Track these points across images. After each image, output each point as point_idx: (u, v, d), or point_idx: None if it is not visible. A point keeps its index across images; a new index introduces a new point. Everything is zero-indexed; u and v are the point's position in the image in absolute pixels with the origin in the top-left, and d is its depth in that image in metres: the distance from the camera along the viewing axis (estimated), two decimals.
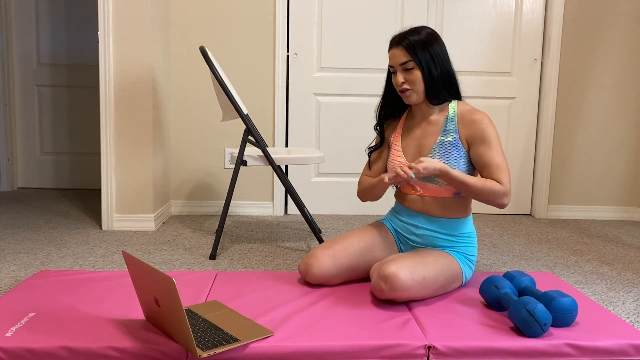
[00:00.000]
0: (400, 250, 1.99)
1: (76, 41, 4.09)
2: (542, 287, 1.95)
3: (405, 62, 1.84)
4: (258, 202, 3.42)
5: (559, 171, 3.51)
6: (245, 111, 2.59)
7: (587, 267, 2.44)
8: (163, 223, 3.16)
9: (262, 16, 3.30)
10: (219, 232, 2.48)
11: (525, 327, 1.51)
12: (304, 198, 3.46)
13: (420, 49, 1.83)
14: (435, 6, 3.39)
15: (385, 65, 3.39)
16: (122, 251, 1.51)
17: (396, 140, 1.99)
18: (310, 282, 1.92)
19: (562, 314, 1.57)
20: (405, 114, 2.03)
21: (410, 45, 1.83)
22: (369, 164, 2.07)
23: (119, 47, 2.87)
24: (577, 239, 2.98)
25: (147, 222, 2.97)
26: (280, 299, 1.78)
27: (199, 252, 2.56)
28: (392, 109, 2.02)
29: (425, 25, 1.95)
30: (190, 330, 1.33)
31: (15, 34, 4.04)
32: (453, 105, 1.92)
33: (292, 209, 3.49)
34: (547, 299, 1.60)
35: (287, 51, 3.38)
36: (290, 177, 3.45)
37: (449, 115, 1.90)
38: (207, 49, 2.49)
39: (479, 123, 1.84)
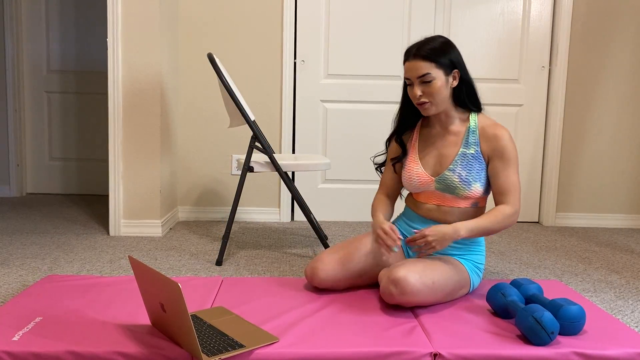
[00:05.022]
0: (408, 256, 1.98)
1: (85, 48, 4.12)
2: (549, 295, 1.94)
3: (424, 75, 1.79)
4: (265, 209, 3.43)
5: (567, 178, 3.49)
6: (252, 117, 2.59)
7: (595, 275, 2.42)
8: (170, 229, 3.17)
9: (269, 23, 3.32)
10: (225, 238, 2.49)
11: (532, 335, 1.50)
12: (310, 204, 3.46)
13: (441, 57, 1.79)
14: (443, 13, 3.39)
15: (391, 72, 3.39)
16: (129, 257, 1.52)
17: (412, 150, 1.95)
18: (316, 287, 1.92)
19: (570, 322, 1.56)
20: (420, 122, 1.98)
21: (429, 55, 1.78)
22: (384, 179, 2.03)
23: (128, 54, 2.89)
24: (585, 246, 2.96)
25: (154, 228, 2.98)
26: (286, 306, 1.77)
27: (206, 258, 2.56)
28: (411, 121, 1.97)
29: (437, 34, 1.92)
30: (196, 335, 1.33)
31: (26, 41, 4.08)
32: (474, 118, 1.88)
33: (299, 215, 3.49)
34: (554, 306, 1.58)
35: (295, 58, 3.39)
36: (296, 183, 3.45)
37: (470, 127, 1.87)
38: (214, 56, 2.51)
39: (501, 139, 1.82)
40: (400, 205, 2.09)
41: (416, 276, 1.69)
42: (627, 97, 3.43)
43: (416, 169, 1.90)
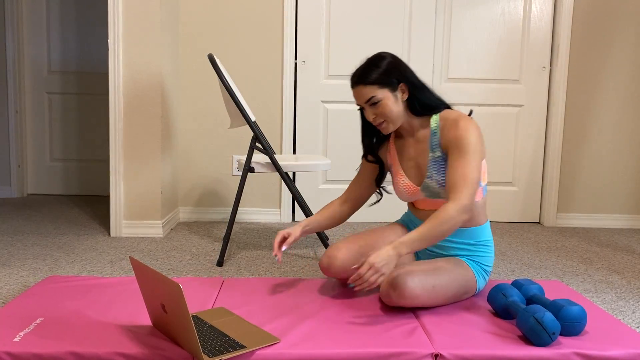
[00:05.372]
0: (417, 257, 1.98)
1: (86, 49, 4.13)
2: (550, 295, 1.93)
3: (370, 99, 1.77)
4: (265, 209, 3.43)
5: (568, 179, 3.49)
6: (253, 118, 2.60)
7: (596, 276, 2.42)
8: (171, 229, 3.17)
9: (270, 24, 3.32)
10: (226, 239, 2.49)
11: (533, 335, 1.50)
12: (311, 205, 3.46)
13: (382, 77, 1.77)
14: (443, 14, 3.39)
15: None
16: (130, 257, 1.52)
17: (394, 162, 1.95)
18: (332, 275, 1.90)
19: (571, 323, 1.56)
20: (392, 134, 1.97)
21: (369, 79, 1.76)
22: (351, 187, 2.02)
23: (129, 55, 2.89)
24: (586, 247, 2.96)
25: (155, 229, 2.98)
26: (287, 306, 1.78)
27: (207, 259, 2.56)
28: (378, 138, 1.96)
29: (381, 52, 1.85)
30: (197, 336, 1.33)
31: (27, 42, 4.09)
32: (435, 119, 1.84)
33: (300, 216, 3.49)
34: (555, 307, 1.58)
35: (295, 59, 3.39)
36: (297, 184, 3.45)
37: (432, 129, 1.83)
38: (215, 57, 2.51)
39: (458, 129, 1.74)
40: (400, 208, 2.08)
41: (415, 280, 1.68)
42: (627, 98, 3.43)
43: (403, 181, 1.91)
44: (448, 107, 1.87)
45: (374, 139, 1.96)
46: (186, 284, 1.97)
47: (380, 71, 1.77)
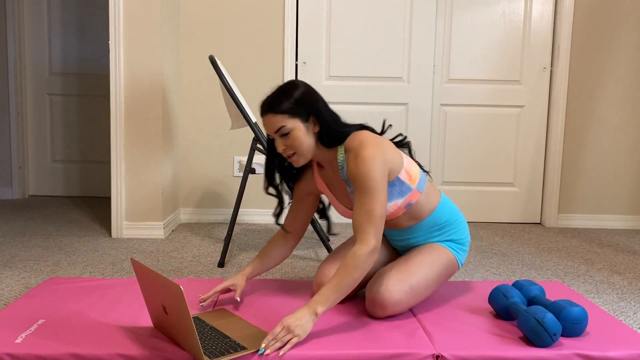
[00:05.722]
0: (396, 249, 1.97)
1: (87, 50, 4.13)
2: (551, 296, 1.93)
3: (280, 128, 1.67)
4: (266, 210, 3.43)
5: (569, 180, 3.49)
6: (254, 119, 2.60)
7: (597, 277, 2.42)
8: (172, 231, 3.17)
9: (271, 25, 3.32)
10: (227, 240, 2.49)
11: (534, 336, 1.49)
12: None
13: (293, 107, 1.68)
14: (444, 15, 3.39)
15: (393, 74, 3.39)
16: (131, 259, 1.52)
17: (326, 192, 1.86)
18: None
19: (572, 324, 1.56)
20: (314, 169, 1.87)
21: (280, 108, 1.67)
22: (288, 220, 1.94)
23: (130, 57, 2.90)
24: (587, 248, 2.96)
25: (156, 230, 2.99)
26: (288, 307, 1.78)
27: (208, 260, 2.57)
28: (283, 171, 1.86)
29: (294, 80, 1.77)
30: (198, 338, 1.33)
31: (28, 43, 4.09)
32: (340, 150, 1.74)
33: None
34: (556, 308, 1.58)
35: (296, 60, 3.39)
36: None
37: (339, 163, 1.74)
38: (216, 58, 2.51)
39: (358, 164, 1.63)
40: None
41: (390, 289, 1.67)
42: (628, 98, 3.43)
43: (339, 207, 1.84)
44: (359, 127, 1.77)
45: (283, 171, 1.86)
46: (187, 285, 1.97)
47: (292, 100, 1.68)
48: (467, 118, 3.47)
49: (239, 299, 1.78)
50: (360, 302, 1.83)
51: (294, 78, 3.35)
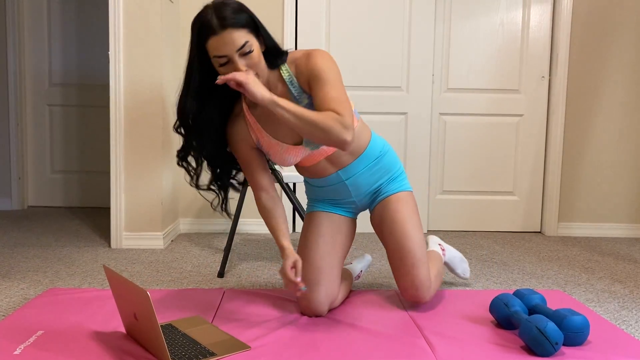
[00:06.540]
0: (363, 202, 1.91)
1: (87, 61, 4.14)
2: (553, 305, 1.93)
3: (244, 45, 1.49)
4: None
5: (569, 188, 3.49)
6: None
7: (598, 285, 2.41)
8: (172, 241, 3.16)
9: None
10: (227, 250, 2.48)
11: (536, 346, 1.49)
12: None
13: (250, 21, 1.52)
14: (443, 24, 3.41)
15: (391, 83, 3.40)
16: (103, 266, 1.53)
17: (261, 135, 1.70)
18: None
19: (574, 333, 1.55)
20: (243, 108, 1.70)
21: (240, 21, 1.49)
22: (257, 181, 1.79)
23: (130, 67, 2.90)
24: (588, 256, 2.95)
25: (155, 240, 2.98)
26: (288, 317, 1.77)
27: (207, 270, 2.56)
28: (214, 109, 1.65)
29: None
30: (165, 343, 1.34)
31: (28, 54, 4.11)
32: (284, 68, 1.63)
33: (300, 225, 3.48)
34: (558, 317, 1.58)
35: None
36: (297, 194, 3.45)
37: (287, 80, 1.63)
38: None
39: (311, 61, 1.56)
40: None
41: (424, 284, 1.81)
42: (627, 106, 3.44)
43: (280, 148, 1.71)
44: (286, 51, 1.67)
45: (212, 109, 1.65)
46: (187, 295, 1.97)
47: (248, 15, 1.52)
48: (467, 127, 3.48)
49: (304, 288, 1.61)
50: (361, 312, 1.83)
51: None
